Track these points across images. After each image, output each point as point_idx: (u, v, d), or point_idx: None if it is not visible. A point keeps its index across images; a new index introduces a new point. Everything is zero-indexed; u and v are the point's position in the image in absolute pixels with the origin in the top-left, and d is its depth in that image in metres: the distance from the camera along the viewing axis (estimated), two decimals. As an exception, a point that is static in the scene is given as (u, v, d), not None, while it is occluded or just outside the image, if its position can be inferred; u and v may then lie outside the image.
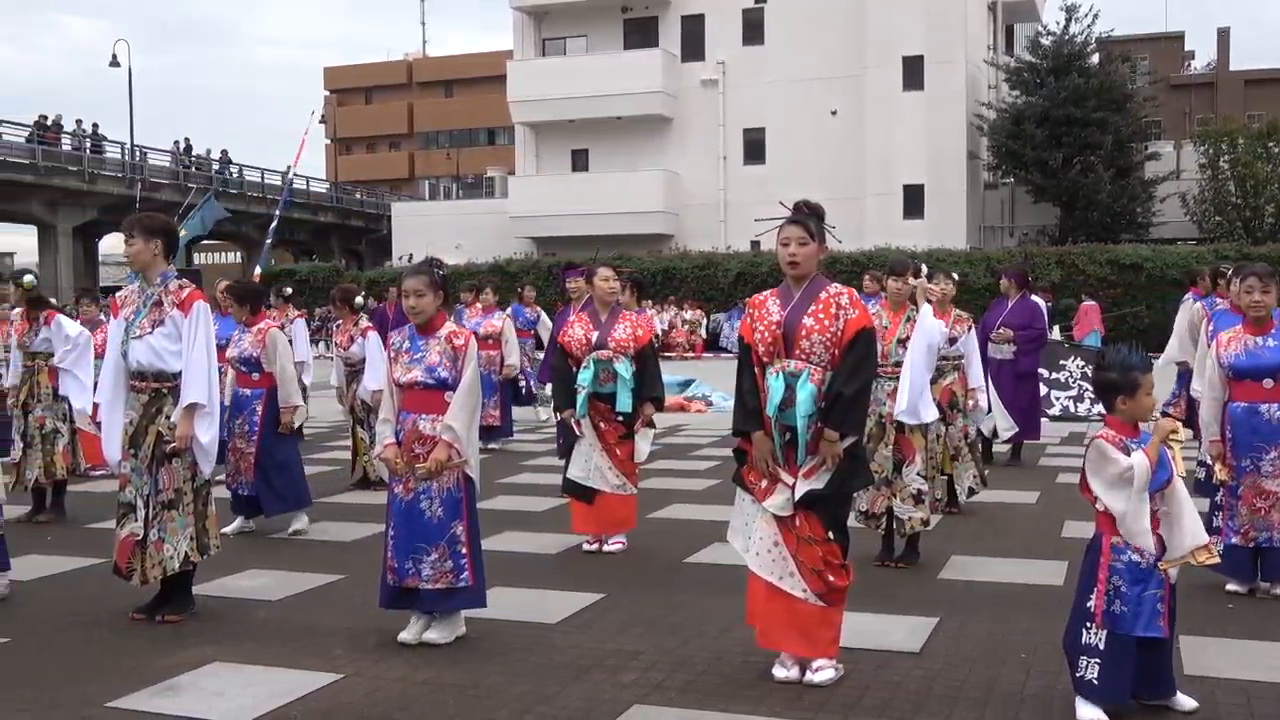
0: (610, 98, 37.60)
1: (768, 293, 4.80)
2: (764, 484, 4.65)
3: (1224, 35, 53.00)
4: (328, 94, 69.99)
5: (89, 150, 39.10)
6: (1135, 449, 4.09)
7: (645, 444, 7.30)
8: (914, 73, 35.05)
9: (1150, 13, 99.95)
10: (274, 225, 27.58)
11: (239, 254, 57.07)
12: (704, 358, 26.93)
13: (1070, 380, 15.34)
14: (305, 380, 12.83)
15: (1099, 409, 15.17)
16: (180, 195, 35.77)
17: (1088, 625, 4.13)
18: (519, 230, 38.68)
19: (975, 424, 8.77)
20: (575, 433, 7.23)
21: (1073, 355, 15.70)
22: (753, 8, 37.44)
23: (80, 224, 39.81)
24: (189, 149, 44.59)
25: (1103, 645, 4.09)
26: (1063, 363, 15.38)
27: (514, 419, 13.21)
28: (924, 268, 7.11)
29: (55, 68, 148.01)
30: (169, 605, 5.62)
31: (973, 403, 8.21)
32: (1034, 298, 11.67)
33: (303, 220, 50.23)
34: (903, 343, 6.75)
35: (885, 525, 6.74)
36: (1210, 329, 6.59)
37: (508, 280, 31.01)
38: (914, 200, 35.32)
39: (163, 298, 5.58)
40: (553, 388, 7.78)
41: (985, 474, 8.64)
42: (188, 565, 5.63)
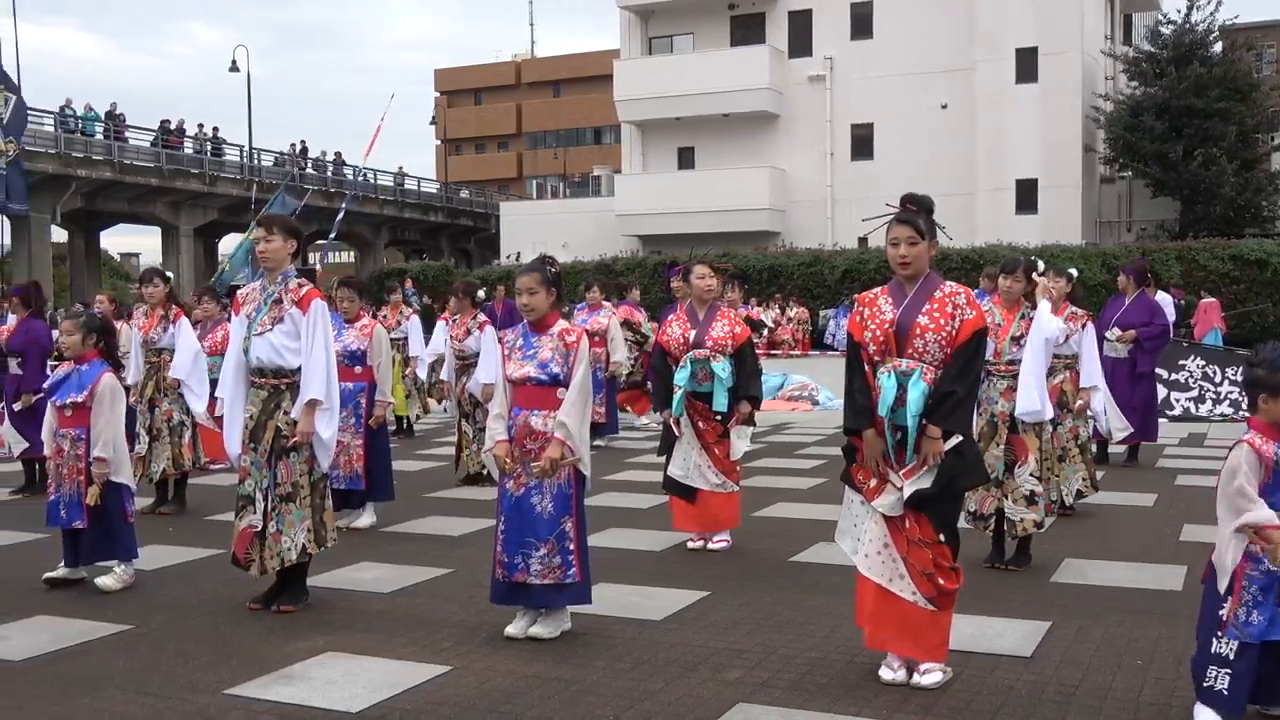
0: (716, 95, 37.50)
1: (878, 290, 4.73)
2: (873, 483, 4.60)
3: (1357, 21, 50.84)
4: (438, 95, 71.11)
5: (209, 153, 40.30)
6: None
7: (741, 443, 7.26)
8: (1027, 65, 34.30)
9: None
10: (340, 218, 27.43)
11: (353, 253, 58.30)
12: (810, 355, 26.73)
13: (1190, 381, 14.88)
14: (420, 374, 13.11)
15: (1220, 410, 14.80)
16: (296, 197, 36.64)
17: (1218, 635, 3.99)
18: (625, 229, 38.81)
19: (1094, 425, 8.57)
20: (675, 432, 7.24)
21: (1192, 355, 15.22)
22: (861, 2, 37.02)
23: (201, 225, 41.09)
24: (304, 151, 45.69)
25: (1233, 655, 3.95)
26: (1182, 363, 14.92)
27: (619, 416, 13.27)
28: (1039, 264, 6.96)
29: (179, 74, 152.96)
30: (285, 596, 5.78)
31: (1083, 402, 8.01)
32: (1167, 294, 11.36)
33: (413, 220, 51.18)
34: (1016, 341, 6.62)
35: (995, 527, 6.62)
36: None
37: (614, 278, 31.22)
38: (1027, 195, 34.57)
39: (282, 295, 5.73)
40: (652, 387, 7.80)
41: (1096, 477, 8.43)
42: (304, 557, 5.77)
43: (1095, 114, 34.80)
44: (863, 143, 37.42)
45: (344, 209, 23.98)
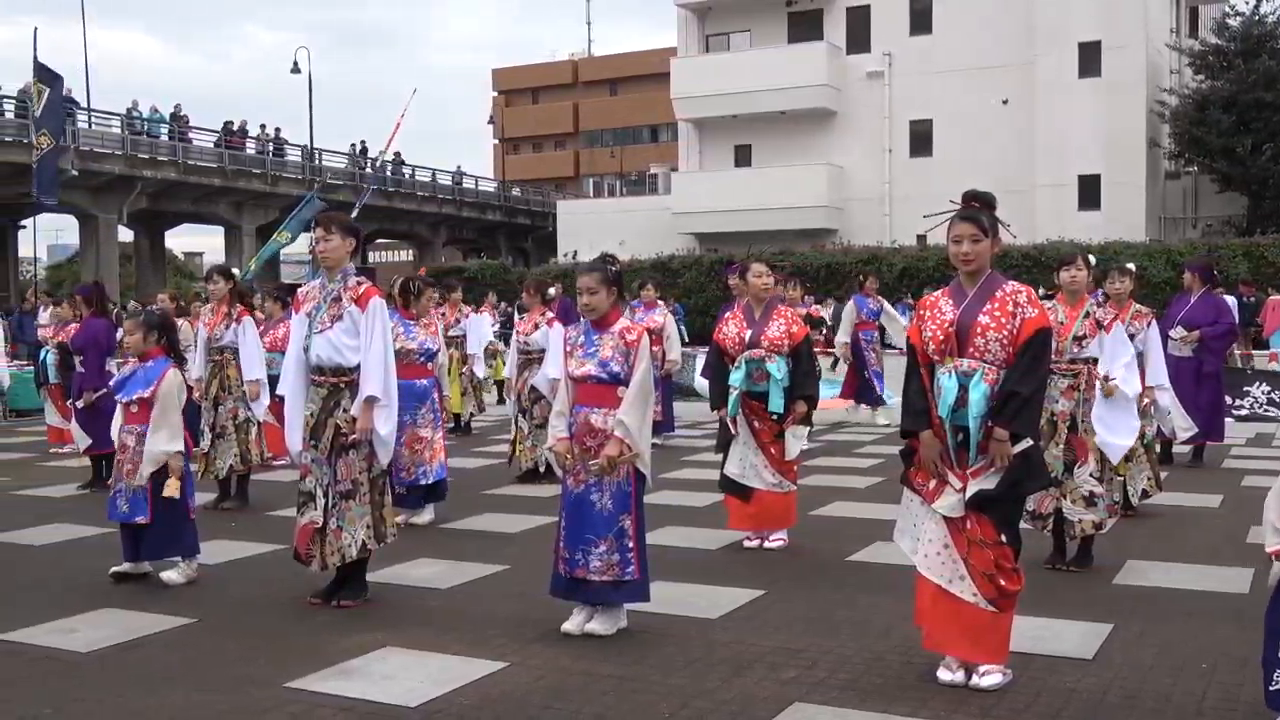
0: (774, 92, 37.37)
1: (939, 292, 4.70)
2: (932, 485, 4.56)
3: None
4: (496, 95, 71.48)
5: (271, 154, 40.83)
6: None
7: (796, 443, 7.20)
8: (1090, 59, 33.81)
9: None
10: (353, 215, 26.77)
11: (411, 252, 58.80)
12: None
13: (1257, 403, 14.54)
14: (478, 372, 13.20)
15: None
16: (354, 196, 37.02)
17: None
18: (681, 226, 38.78)
19: (1155, 424, 8.43)
20: (731, 430, 7.22)
21: (1257, 381, 14.82)
22: (920, -4, 36.75)
23: (263, 224, 41.63)
24: (364, 151, 46.15)
25: None
26: (1246, 389, 14.55)
27: (675, 414, 13.27)
28: (1092, 259, 6.85)
29: (241, 75, 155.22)
30: (345, 591, 5.84)
31: (1148, 401, 7.88)
32: (1232, 295, 11.16)
33: (471, 218, 51.53)
34: (1078, 340, 6.51)
35: (1055, 527, 6.53)
36: None
37: (670, 276, 31.19)
38: (1089, 191, 34.08)
39: (341, 293, 5.79)
40: (709, 386, 7.79)
41: (1161, 477, 8.29)
42: (364, 553, 5.82)
43: (1160, 108, 34.22)
44: (921, 139, 37.12)
45: (358, 206, 23.59)
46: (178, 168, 37.30)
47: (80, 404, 9.87)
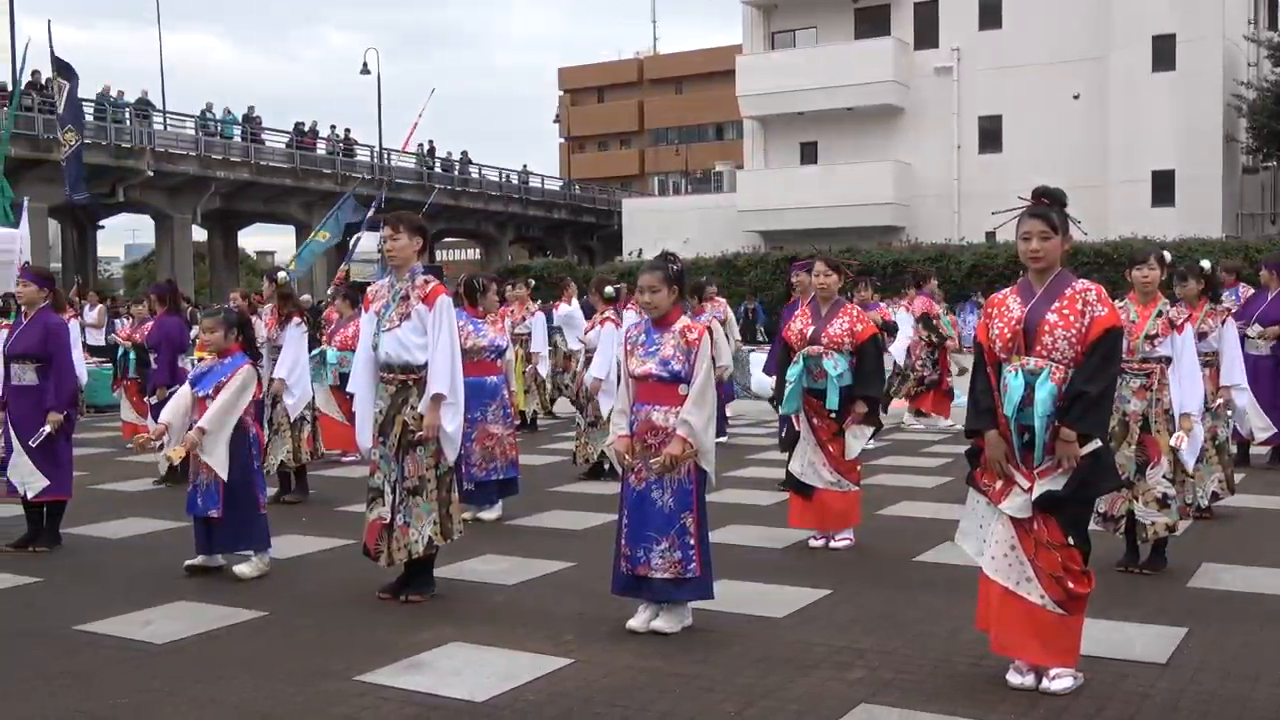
0: (840, 89, 37.15)
1: (1007, 291, 4.64)
2: (998, 485, 4.51)
3: None
4: (561, 94, 71.79)
5: (341, 154, 41.36)
6: None
7: (857, 443, 7.13)
8: (1164, 52, 33.19)
9: None
10: (369, 215, 24.78)
11: (478, 250, 59.24)
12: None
13: None
14: (542, 371, 13.26)
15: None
16: (423, 195, 37.36)
17: None
18: (747, 224, 38.69)
19: (1231, 425, 8.25)
20: (795, 427, 7.21)
21: None
22: (990, -10, 36.31)
23: (333, 224, 42.16)
24: (432, 151, 46.58)
25: None
26: None
27: (728, 416, 13.19)
28: (1167, 255, 6.71)
29: (312, 77, 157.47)
30: (413, 586, 5.90)
31: (1222, 401, 7.71)
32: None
33: (537, 217, 51.81)
34: (1151, 339, 6.39)
35: (1126, 528, 6.42)
36: None
37: (735, 275, 31.13)
38: (1164, 187, 33.45)
39: (409, 292, 5.85)
40: (775, 382, 7.77)
41: (1234, 479, 8.11)
42: (431, 549, 5.88)
43: (1237, 101, 33.48)
44: (991, 135, 36.69)
45: (375, 206, 22.96)
46: (250, 168, 37.95)
47: (153, 400, 10.07)
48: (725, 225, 38.62)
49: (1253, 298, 10.79)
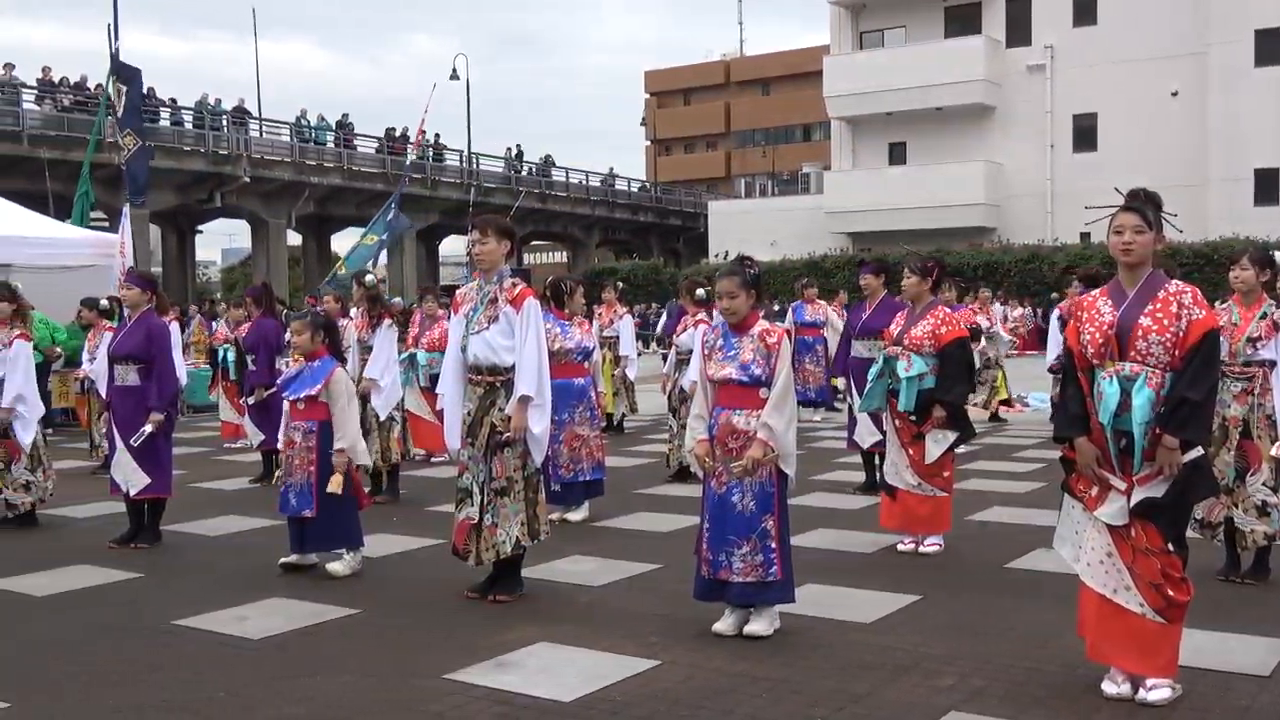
0: (930, 88, 36.73)
1: (1096, 292, 4.53)
2: (1094, 492, 4.41)
3: None
4: (648, 96, 71.93)
5: (431, 159, 41.92)
6: None
7: (936, 447, 7.02)
8: (1269, 46, 32.26)
9: None
10: (390, 216, 22.66)
11: (565, 253, 59.63)
12: (1027, 355, 25.82)
13: None
14: (630, 374, 13.30)
15: None
16: (511, 199, 37.74)
17: None
18: (834, 226, 38.42)
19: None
20: (881, 426, 7.21)
21: None
22: (1084, -13, 35.61)
23: (423, 227, 42.78)
24: (520, 155, 46.99)
25: None
26: None
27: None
28: (1277, 256, 6.50)
29: (403, 82, 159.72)
30: (500, 586, 5.95)
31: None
32: None
33: (624, 219, 52.00)
34: (1253, 341, 6.20)
35: (1226, 536, 6.24)
36: None
37: (822, 276, 30.91)
38: (1267, 185, 32.50)
39: (497, 294, 5.90)
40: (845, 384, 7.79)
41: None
42: (519, 549, 5.93)
43: (1345, 97, 32.43)
44: (1085, 133, 35.99)
45: (393, 206, 21.89)
46: (343, 173, 38.67)
47: (251, 400, 10.30)
48: (812, 227, 38.40)
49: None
